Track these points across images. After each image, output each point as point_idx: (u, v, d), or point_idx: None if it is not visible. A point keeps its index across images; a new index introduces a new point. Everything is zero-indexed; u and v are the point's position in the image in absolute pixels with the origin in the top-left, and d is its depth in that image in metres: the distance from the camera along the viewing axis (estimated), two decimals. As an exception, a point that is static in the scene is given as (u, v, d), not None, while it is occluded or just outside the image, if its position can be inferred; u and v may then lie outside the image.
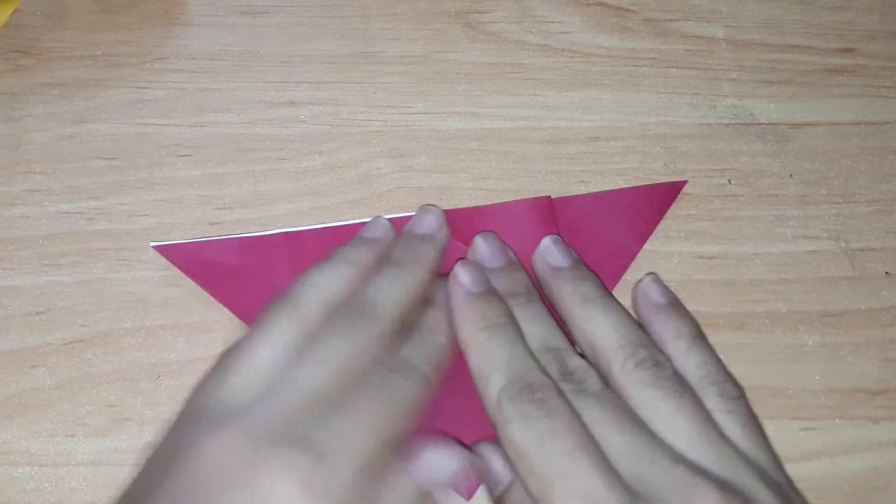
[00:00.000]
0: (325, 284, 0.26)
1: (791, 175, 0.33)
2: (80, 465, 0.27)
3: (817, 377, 0.30)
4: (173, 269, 0.29)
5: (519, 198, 0.31)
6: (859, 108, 0.34)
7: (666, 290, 0.29)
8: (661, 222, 0.32)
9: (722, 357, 0.30)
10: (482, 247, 0.29)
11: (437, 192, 0.31)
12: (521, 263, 0.29)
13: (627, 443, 0.23)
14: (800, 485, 0.29)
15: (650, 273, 0.30)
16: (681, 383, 0.25)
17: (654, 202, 0.32)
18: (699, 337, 0.27)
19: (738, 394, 0.26)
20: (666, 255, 0.31)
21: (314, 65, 0.33)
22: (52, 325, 0.29)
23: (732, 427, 0.25)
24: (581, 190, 0.32)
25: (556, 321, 0.28)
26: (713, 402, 0.25)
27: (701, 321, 0.30)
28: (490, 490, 0.26)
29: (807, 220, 0.32)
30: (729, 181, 0.33)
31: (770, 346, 0.30)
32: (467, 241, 0.29)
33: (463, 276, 0.28)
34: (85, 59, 0.33)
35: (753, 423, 0.26)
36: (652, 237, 0.31)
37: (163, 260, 0.30)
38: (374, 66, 0.33)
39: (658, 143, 0.33)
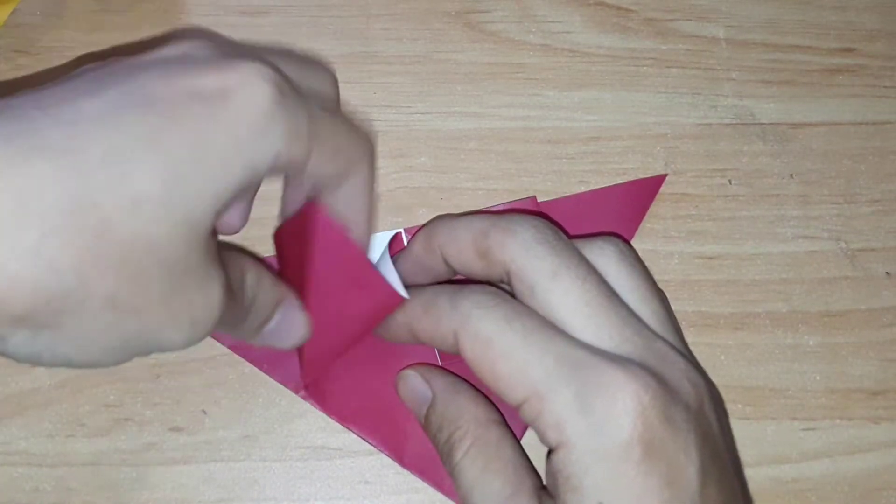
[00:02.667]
0: None
1: (792, 175, 0.33)
2: (79, 465, 0.27)
3: (818, 377, 0.30)
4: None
5: (518, 197, 0.31)
6: (860, 107, 0.34)
7: None
8: (662, 222, 0.32)
9: (722, 358, 0.30)
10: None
11: (437, 192, 0.31)
12: None
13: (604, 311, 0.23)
14: (800, 485, 0.29)
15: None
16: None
17: (636, 199, 0.32)
18: None
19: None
20: (666, 255, 0.31)
21: (314, 65, 0.33)
22: (52, 325, 0.29)
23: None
24: (581, 190, 0.32)
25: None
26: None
27: (701, 321, 0.30)
28: (417, 409, 0.26)
29: (807, 221, 0.32)
30: (729, 181, 0.33)
31: (770, 347, 0.30)
32: None
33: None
34: (85, 58, 0.33)
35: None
36: (652, 237, 0.31)
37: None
38: (374, 66, 0.33)
39: (658, 143, 0.33)
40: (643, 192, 0.32)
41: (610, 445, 0.20)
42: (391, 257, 0.27)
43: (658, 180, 0.32)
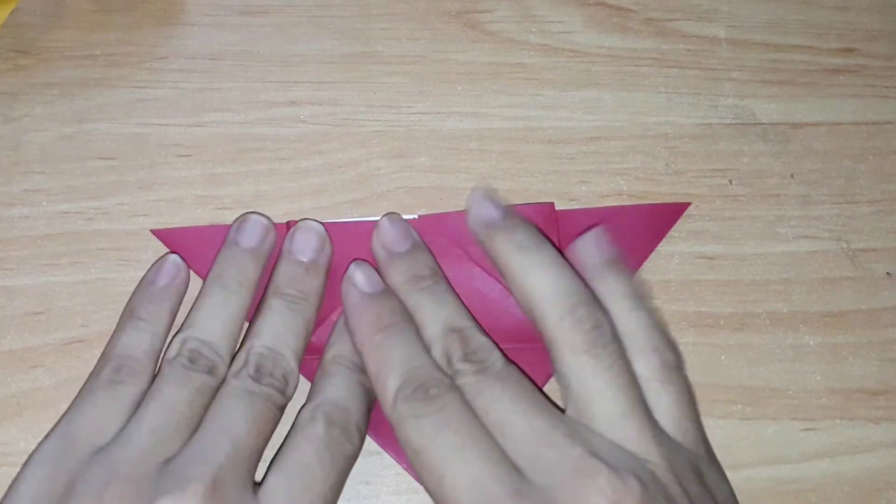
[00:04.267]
0: (226, 317, 0.27)
1: (792, 175, 0.33)
2: (79, 465, 0.27)
3: (818, 377, 0.30)
4: (173, 270, 0.29)
5: (519, 198, 0.31)
6: (861, 108, 0.34)
7: (609, 246, 0.28)
8: (662, 222, 0.32)
9: (722, 358, 0.30)
10: (387, 229, 0.29)
11: (437, 192, 0.31)
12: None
13: (526, 424, 0.23)
14: (800, 485, 0.29)
15: (592, 230, 0.28)
16: (618, 352, 0.25)
17: (656, 222, 0.31)
18: (643, 298, 0.27)
19: (677, 363, 0.26)
20: (667, 255, 0.31)
21: (314, 65, 0.33)
22: (52, 326, 0.29)
23: (665, 398, 0.25)
24: (582, 190, 0.32)
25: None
26: (651, 369, 0.25)
27: (701, 321, 0.30)
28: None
29: (808, 221, 0.32)
30: (730, 181, 0.33)
31: (771, 347, 0.30)
32: (465, 245, 0.29)
33: (358, 277, 0.27)
34: (85, 58, 0.33)
35: (686, 395, 0.25)
36: (652, 237, 0.31)
37: (162, 260, 0.30)
38: (374, 66, 0.33)
39: (659, 143, 0.33)
40: (663, 218, 0.31)
41: None
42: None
43: (680, 207, 0.32)
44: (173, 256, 0.29)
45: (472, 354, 0.25)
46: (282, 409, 0.26)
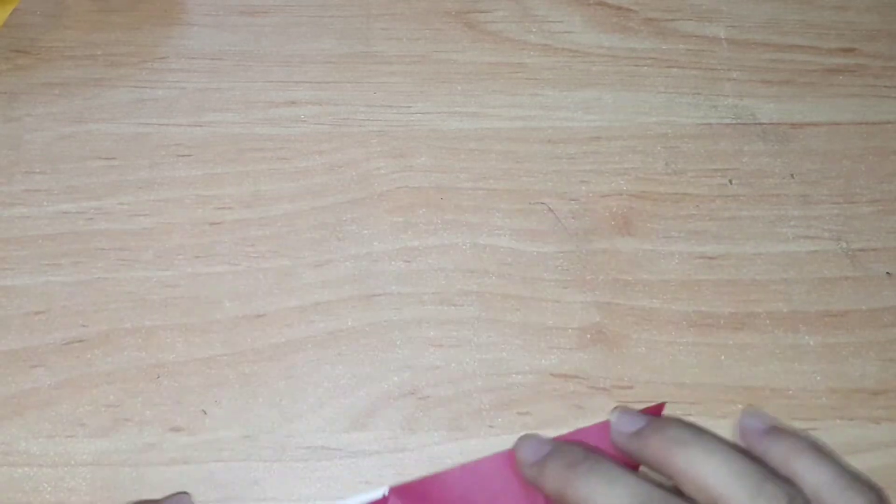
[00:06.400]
0: None
1: (792, 175, 0.33)
2: (79, 465, 0.27)
3: (818, 377, 0.30)
4: (173, 269, 0.29)
5: (519, 198, 0.31)
6: (860, 107, 0.34)
7: (765, 414, 0.28)
8: (662, 222, 0.32)
9: (722, 358, 0.30)
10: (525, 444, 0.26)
11: (438, 192, 0.31)
12: None
13: None
14: (801, 485, 0.29)
15: (746, 406, 0.29)
16: None
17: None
18: (821, 447, 0.26)
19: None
20: (667, 254, 0.31)
21: (314, 65, 0.33)
22: (52, 325, 0.29)
23: None
24: (581, 190, 0.32)
25: None
26: None
27: (701, 321, 0.30)
28: None
29: (808, 220, 0.32)
30: (730, 181, 0.33)
31: (771, 347, 0.30)
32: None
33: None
34: (85, 58, 0.33)
35: None
36: (653, 237, 0.31)
37: (163, 260, 0.30)
38: (374, 66, 0.33)
39: (659, 143, 0.33)
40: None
41: None
42: None
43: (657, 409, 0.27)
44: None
45: None
46: None
